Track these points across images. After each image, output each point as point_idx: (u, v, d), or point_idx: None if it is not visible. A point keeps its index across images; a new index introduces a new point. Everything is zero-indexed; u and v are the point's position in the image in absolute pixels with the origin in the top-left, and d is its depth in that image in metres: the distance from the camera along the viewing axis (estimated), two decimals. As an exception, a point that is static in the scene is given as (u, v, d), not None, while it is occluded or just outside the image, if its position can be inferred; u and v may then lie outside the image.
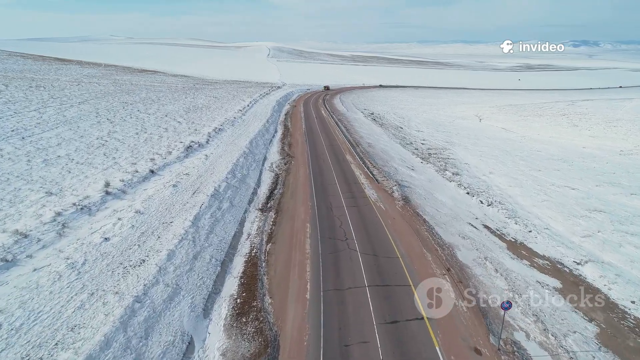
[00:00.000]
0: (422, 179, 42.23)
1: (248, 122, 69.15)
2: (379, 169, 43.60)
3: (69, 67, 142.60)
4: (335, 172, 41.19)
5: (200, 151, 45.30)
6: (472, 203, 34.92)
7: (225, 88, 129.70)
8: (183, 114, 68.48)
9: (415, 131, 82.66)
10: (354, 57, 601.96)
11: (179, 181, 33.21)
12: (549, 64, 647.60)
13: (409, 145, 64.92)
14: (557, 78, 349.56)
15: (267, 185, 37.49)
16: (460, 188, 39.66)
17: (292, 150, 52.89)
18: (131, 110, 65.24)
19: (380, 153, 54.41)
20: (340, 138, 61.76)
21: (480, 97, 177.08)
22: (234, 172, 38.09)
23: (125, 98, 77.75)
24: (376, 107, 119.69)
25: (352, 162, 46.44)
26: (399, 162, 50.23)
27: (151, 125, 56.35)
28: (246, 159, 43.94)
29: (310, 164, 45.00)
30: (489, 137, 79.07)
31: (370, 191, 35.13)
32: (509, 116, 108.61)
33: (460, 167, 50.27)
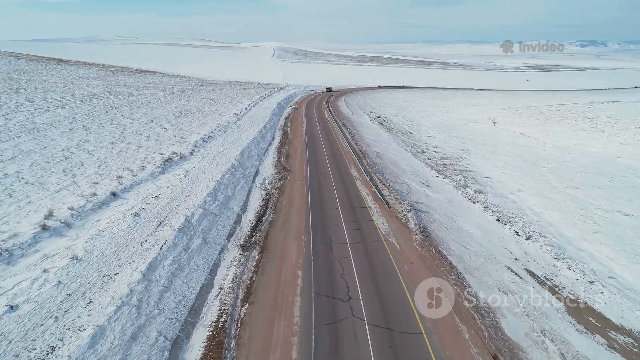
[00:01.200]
0: (441, 200, 35.60)
1: (243, 127, 62.88)
2: (389, 187, 37.02)
3: (64, 68, 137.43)
4: (338, 192, 34.69)
5: (180, 165, 39.00)
6: (505, 235, 28.25)
7: (224, 89, 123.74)
8: (172, 119, 62.37)
9: (426, 137, 76.01)
10: (360, 57, 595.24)
11: (144, 208, 26.90)
12: (557, 64, 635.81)
13: (421, 154, 58.27)
14: (566, 79, 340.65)
15: (255, 209, 31.05)
16: (487, 212, 32.98)
17: (290, 162, 46.47)
18: (114, 115, 59.22)
19: (390, 165, 47.82)
20: (344, 146, 55.25)
21: (489, 98, 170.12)
22: (216, 193, 31.73)
23: (111, 101, 71.83)
24: (383, 110, 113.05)
25: (358, 177, 39.90)
26: (412, 177, 43.62)
27: (132, 132, 50.24)
28: (233, 175, 37.56)
29: (308, 180, 38.53)
30: (507, 144, 72.17)
31: (380, 219, 28.57)
32: (525, 119, 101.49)
33: (482, 182, 43.57)
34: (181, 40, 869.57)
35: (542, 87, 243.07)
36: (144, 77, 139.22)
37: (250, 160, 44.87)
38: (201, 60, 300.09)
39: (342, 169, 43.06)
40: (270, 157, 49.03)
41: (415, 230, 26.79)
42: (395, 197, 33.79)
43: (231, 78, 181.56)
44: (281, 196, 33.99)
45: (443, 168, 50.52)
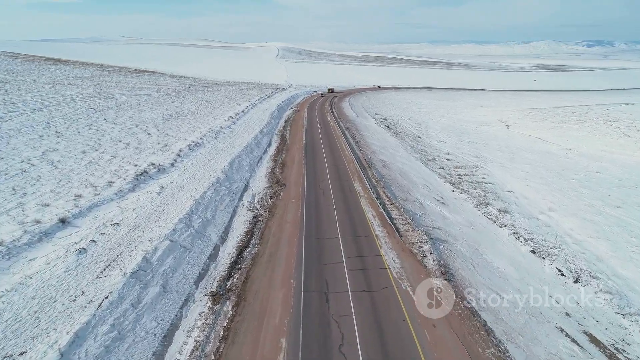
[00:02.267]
0: (461, 223, 29.97)
1: (237, 132, 57.53)
2: (400, 207, 31.43)
3: (58, 68, 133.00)
4: (339, 214, 29.15)
5: (157, 179, 33.65)
6: (547, 275, 22.59)
7: (223, 90, 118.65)
8: (159, 123, 57.16)
9: (436, 141, 70.37)
10: (365, 57, 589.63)
11: (96, 240, 21.55)
12: (563, 64, 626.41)
13: (432, 163, 52.63)
14: (574, 79, 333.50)
15: (238, 238, 25.58)
16: (518, 240, 27.32)
17: (285, 173, 40.99)
18: (95, 119, 54.10)
19: (399, 177, 42.23)
20: (347, 154, 49.71)
21: (498, 98, 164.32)
22: (192, 217, 26.32)
23: (97, 103, 66.78)
24: (389, 112, 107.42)
25: (362, 194, 34.32)
26: (424, 192, 37.98)
27: (110, 139, 45.04)
28: (217, 191, 32.15)
29: (305, 197, 33.03)
30: (525, 150, 66.33)
31: (390, 255, 22.99)
32: (540, 122, 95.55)
33: (505, 198, 37.87)
34: (185, 41, 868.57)
35: (550, 88, 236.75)
36: (141, 78, 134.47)
37: (239, 172, 39.44)
38: (203, 60, 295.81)
39: (344, 182, 37.51)
40: (264, 167, 43.58)
41: (434, 270, 21.20)
42: (407, 221, 28.19)
43: (232, 78, 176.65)
44: (271, 219, 28.49)
45: (458, 180, 44.85)
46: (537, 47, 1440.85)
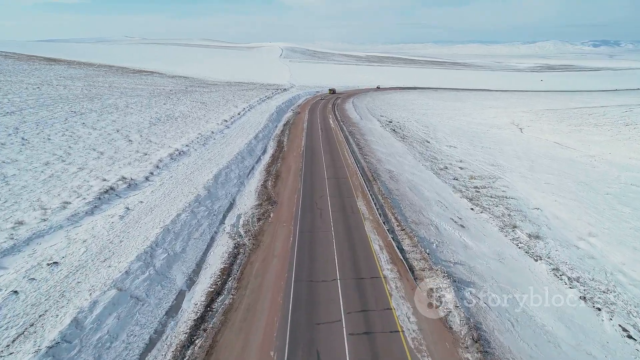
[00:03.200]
0: (486, 254, 24.61)
1: (229, 138, 52.44)
2: (411, 233, 26.11)
3: (52, 68, 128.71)
4: (338, 245, 23.85)
5: (124, 198, 28.54)
6: (609, 338, 17.22)
7: (222, 91, 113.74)
8: (144, 128, 52.19)
9: (447, 147, 64.93)
10: (369, 57, 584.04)
11: (18, 291, 16.42)
12: (570, 64, 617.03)
13: (445, 173, 47.24)
14: (581, 79, 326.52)
15: (211, 279, 20.39)
16: (561, 280, 21.93)
17: (278, 187, 35.77)
18: (73, 124, 49.20)
19: (408, 192, 36.89)
20: (350, 164, 44.43)
21: (506, 99, 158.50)
22: (155, 251, 21.17)
23: (80, 106, 61.93)
24: (395, 113, 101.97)
25: (367, 215, 29.01)
26: (439, 211, 32.63)
27: (84, 147, 40.07)
28: (194, 214, 26.99)
29: (298, 220, 27.79)
30: (544, 157, 60.72)
31: (403, 308, 17.66)
32: (555, 125, 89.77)
33: (534, 218, 32.46)
34: (189, 41, 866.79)
35: (558, 88, 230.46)
36: (137, 78, 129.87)
37: (226, 186, 34.27)
38: (204, 60, 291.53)
39: (346, 200, 32.23)
40: (255, 179, 38.37)
41: (463, 335, 15.88)
42: (421, 255, 22.87)
43: (233, 79, 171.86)
44: (255, 251, 23.27)
45: (476, 194, 39.43)
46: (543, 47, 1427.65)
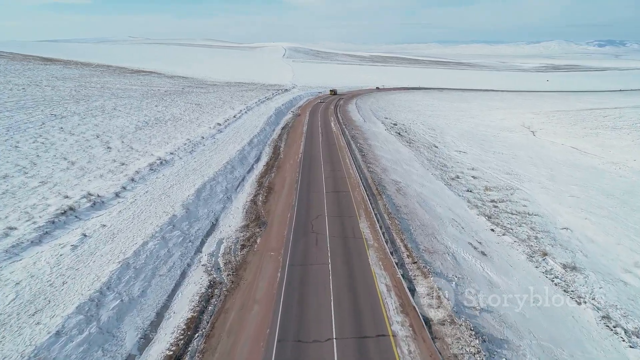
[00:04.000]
0: (517, 298, 20.02)
1: (221, 144, 48.10)
2: (425, 267, 21.56)
3: (46, 68, 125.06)
4: (335, 287, 19.28)
5: (84, 220, 24.15)
6: None
7: (220, 92, 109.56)
8: (129, 133, 47.97)
9: (456, 152, 60.37)
10: (373, 57, 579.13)
11: None
12: (575, 64, 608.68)
13: (457, 183, 42.67)
14: (588, 79, 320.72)
15: (171, 336, 15.91)
16: (616, 335, 17.32)
17: (270, 204, 31.31)
18: (49, 129, 45.04)
19: (418, 208, 32.33)
20: (352, 174, 39.88)
21: (512, 100, 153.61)
22: (103, 298, 16.76)
23: (63, 108, 57.81)
24: (399, 115, 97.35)
25: (371, 241, 24.46)
26: (454, 233, 28.05)
27: (53, 156, 35.81)
28: (165, 241, 22.58)
29: (289, 248, 23.30)
30: (563, 164, 56.03)
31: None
32: (568, 128, 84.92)
33: (565, 242, 27.87)
34: (192, 41, 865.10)
35: (564, 88, 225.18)
36: (134, 78, 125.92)
37: (209, 203, 29.87)
38: (206, 60, 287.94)
39: (346, 221, 27.71)
40: (245, 193, 33.93)
41: None
42: (439, 301, 18.32)
43: (234, 79, 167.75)
44: (233, 294, 18.80)
45: (494, 210, 34.85)
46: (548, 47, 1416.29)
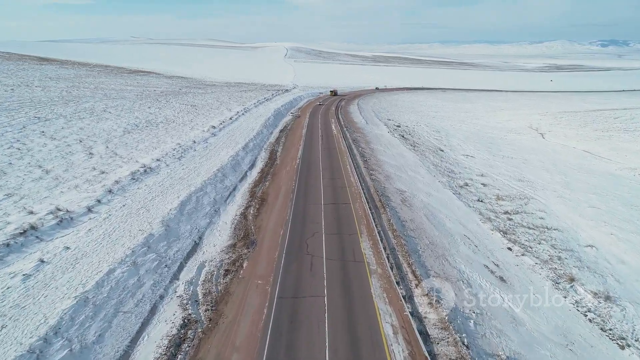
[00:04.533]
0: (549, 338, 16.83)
1: (213, 149, 45.06)
2: (435, 300, 18.48)
3: (41, 68, 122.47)
4: (332, 328, 16.14)
5: (45, 242, 21.06)
6: None
7: (218, 92, 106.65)
8: (116, 137, 45.02)
9: (463, 156, 57.24)
10: (375, 57, 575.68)
11: None
12: (578, 64, 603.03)
13: (466, 191, 39.53)
14: (592, 79, 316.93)
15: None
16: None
17: (262, 218, 28.20)
18: (29, 133, 42.12)
19: (426, 222, 29.17)
20: (353, 183, 36.70)
21: (517, 100, 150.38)
22: (45, 350, 13.72)
23: (49, 110, 54.93)
24: (403, 116, 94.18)
25: (374, 266, 21.30)
26: (468, 253, 24.89)
27: (28, 164, 32.84)
28: (136, 267, 19.51)
29: (280, 274, 20.20)
30: (576, 169, 52.78)
31: None
32: (578, 130, 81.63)
33: (592, 263, 24.72)
34: (194, 41, 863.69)
35: (569, 88, 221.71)
36: (131, 79, 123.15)
37: (193, 217, 26.80)
38: (206, 60, 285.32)
39: (346, 239, 24.56)
40: (235, 205, 30.84)
41: None
42: (455, 348, 15.19)
43: (234, 79, 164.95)
44: (209, 337, 15.63)
45: (509, 223, 31.69)
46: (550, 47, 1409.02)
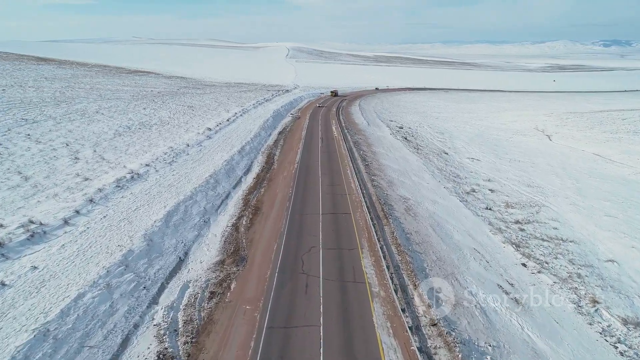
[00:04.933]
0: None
1: (207, 153, 42.94)
2: (446, 331, 16.30)
3: (38, 68, 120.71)
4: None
5: (11, 261, 18.88)
6: None
7: (217, 93, 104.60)
8: (105, 140, 42.97)
9: (468, 159, 54.95)
10: (377, 57, 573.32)
11: None
12: (581, 64, 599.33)
13: (473, 199, 37.23)
14: (595, 79, 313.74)
15: None
16: None
17: (254, 229, 26.05)
18: (13, 136, 40.12)
19: (432, 235, 26.95)
20: (354, 190, 34.52)
21: (520, 100, 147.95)
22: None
23: (39, 112, 52.95)
24: (405, 117, 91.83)
25: (376, 288, 19.11)
26: (479, 270, 22.66)
27: (7, 170, 30.80)
28: (108, 292, 17.36)
29: (271, 299, 18.04)
30: (589, 174, 50.33)
31: None
32: (586, 132, 79.09)
33: (615, 282, 22.50)
34: (196, 41, 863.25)
35: (572, 89, 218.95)
36: (129, 79, 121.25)
37: (180, 230, 24.67)
38: (206, 60, 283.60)
39: (346, 255, 22.39)
40: (227, 215, 28.70)
41: None
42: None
43: (234, 79, 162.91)
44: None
45: (521, 235, 29.41)
46: (553, 47, 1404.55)
